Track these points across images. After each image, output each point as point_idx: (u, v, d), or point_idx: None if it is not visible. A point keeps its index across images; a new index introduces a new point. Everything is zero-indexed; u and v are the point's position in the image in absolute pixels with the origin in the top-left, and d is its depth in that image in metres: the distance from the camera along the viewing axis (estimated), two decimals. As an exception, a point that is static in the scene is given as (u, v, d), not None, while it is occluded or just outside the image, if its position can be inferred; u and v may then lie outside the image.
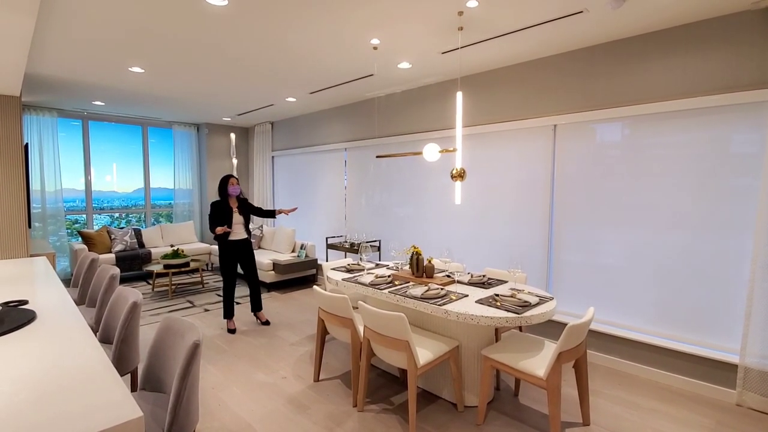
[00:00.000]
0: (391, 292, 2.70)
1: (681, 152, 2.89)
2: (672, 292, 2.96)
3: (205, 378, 3.03)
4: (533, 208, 3.68)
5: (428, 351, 2.39)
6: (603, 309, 3.31)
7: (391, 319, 2.25)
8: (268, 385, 2.92)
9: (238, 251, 3.99)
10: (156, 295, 5.36)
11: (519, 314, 2.23)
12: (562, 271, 3.54)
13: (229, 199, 3.95)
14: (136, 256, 6.15)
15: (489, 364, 2.36)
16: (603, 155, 3.26)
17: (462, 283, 2.93)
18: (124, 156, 7.26)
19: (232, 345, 3.67)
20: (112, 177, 7.26)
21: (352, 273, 3.32)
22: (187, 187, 7.53)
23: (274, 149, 7.17)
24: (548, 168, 3.56)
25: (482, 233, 4.08)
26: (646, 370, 3.04)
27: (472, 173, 4.12)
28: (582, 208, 3.38)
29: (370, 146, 5.29)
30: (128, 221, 7.72)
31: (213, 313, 4.63)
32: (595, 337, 3.29)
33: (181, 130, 7.37)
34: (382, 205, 5.18)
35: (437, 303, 2.43)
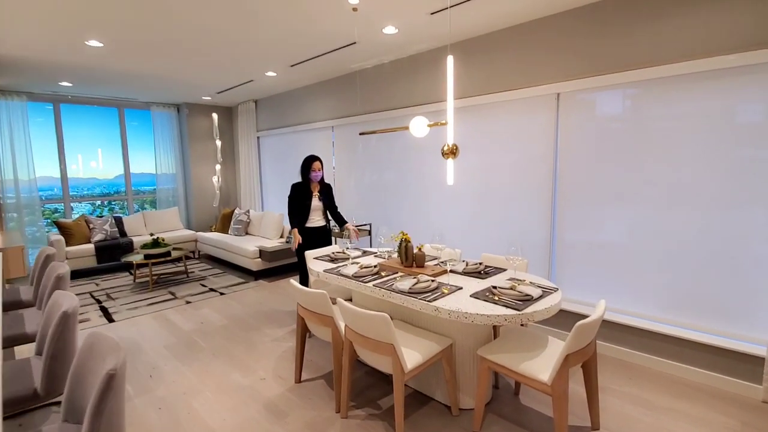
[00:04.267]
0: (376, 285, 2.40)
1: (700, 121, 2.53)
2: (689, 276, 2.67)
3: (177, 382, 2.77)
4: (534, 186, 3.34)
5: (417, 352, 2.10)
6: (612, 295, 3.03)
7: (373, 320, 1.95)
8: (245, 389, 2.66)
9: (314, 239, 3.69)
10: (137, 287, 5.09)
11: (519, 311, 1.93)
12: (566, 255, 3.24)
13: (311, 183, 3.66)
14: (117, 245, 5.85)
15: (486, 365, 2.08)
16: (611, 126, 2.90)
17: (456, 273, 2.62)
18: (102, 140, 6.87)
19: (211, 341, 3.41)
20: (91, 163, 6.91)
21: (336, 263, 3.02)
22: (169, 171, 7.16)
23: (259, 129, 6.78)
24: (550, 142, 3.21)
25: (479, 215, 3.76)
26: (660, 362, 2.77)
27: (467, 150, 3.77)
28: (588, 185, 3.05)
29: (358, 123, 4.91)
30: (111, 209, 7.40)
31: (194, 305, 4.36)
32: (603, 326, 3.01)
33: (160, 111, 6.95)
34: (373, 187, 4.84)
35: (427, 298, 2.13)
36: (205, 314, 4.06)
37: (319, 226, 3.70)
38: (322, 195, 3.70)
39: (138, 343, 3.42)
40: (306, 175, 3.62)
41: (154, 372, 2.92)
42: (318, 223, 3.70)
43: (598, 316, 1.85)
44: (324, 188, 3.74)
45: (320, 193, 3.69)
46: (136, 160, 7.19)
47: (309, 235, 3.65)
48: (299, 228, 3.63)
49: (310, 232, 3.66)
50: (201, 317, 3.99)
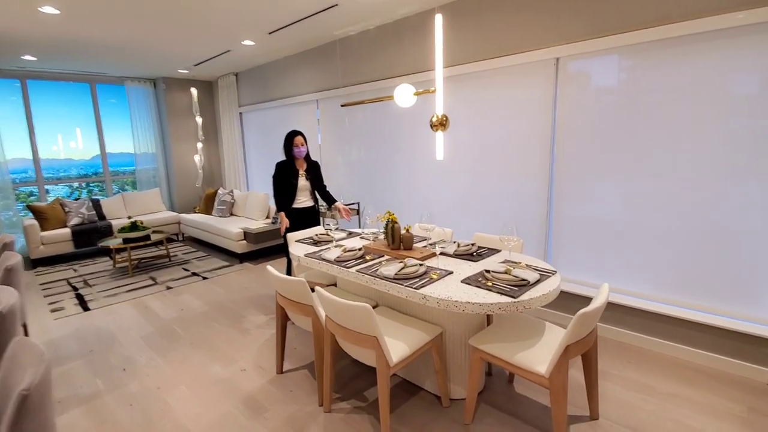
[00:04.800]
0: (359, 270, 2.21)
1: (710, 87, 2.31)
2: (691, 253, 2.51)
3: (152, 376, 2.60)
4: (531, 160, 3.13)
5: (404, 343, 1.93)
6: (611, 274, 2.87)
7: (354, 311, 1.77)
8: (224, 381, 2.50)
9: (301, 221, 3.45)
10: (117, 272, 4.88)
11: (515, 298, 1.75)
12: (563, 232, 3.06)
13: (295, 160, 3.40)
14: (94, 229, 5.60)
15: (478, 355, 1.92)
16: (613, 95, 2.67)
17: (447, 255, 2.44)
18: (76, 119, 6.49)
19: (190, 330, 3.23)
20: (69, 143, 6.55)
21: (319, 246, 2.82)
22: (149, 150, 6.83)
23: (241, 104, 6.43)
24: (548, 112, 2.98)
25: (472, 192, 3.55)
26: (661, 344, 2.65)
27: (458, 123, 3.52)
28: (587, 158, 2.84)
29: (343, 96, 4.61)
30: (90, 191, 7.10)
31: (175, 290, 4.17)
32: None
33: (135, 86, 6.56)
34: (361, 164, 4.60)
35: (414, 285, 1.95)
36: (185, 300, 3.88)
37: (306, 206, 3.47)
38: (309, 174, 3.45)
39: (113, 333, 3.24)
40: (289, 152, 3.37)
41: (128, 365, 2.74)
42: (305, 203, 3.46)
43: (601, 303, 1.68)
44: (311, 166, 3.50)
45: (307, 172, 3.45)
46: (113, 140, 6.84)
47: (296, 217, 3.43)
48: (285, 210, 3.41)
49: (297, 213, 3.44)
50: (181, 304, 3.80)
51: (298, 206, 3.42)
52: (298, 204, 3.42)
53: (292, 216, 3.41)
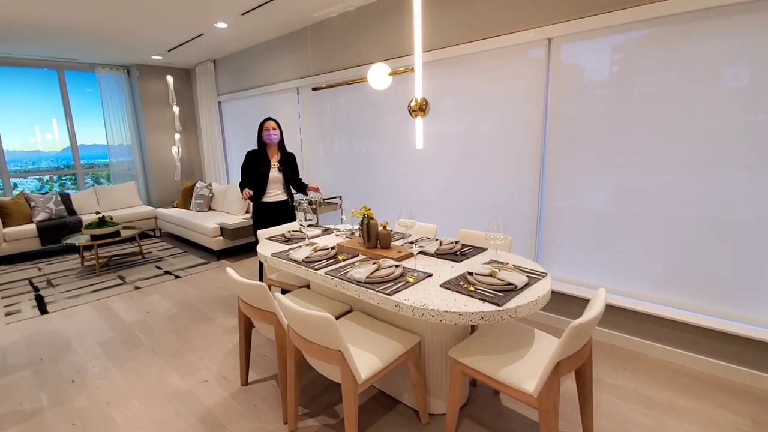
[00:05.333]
0: (328, 273, 1.98)
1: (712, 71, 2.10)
2: (692, 251, 2.31)
3: (103, 389, 2.35)
4: (521, 151, 2.91)
5: (375, 356, 1.71)
6: (605, 273, 2.68)
7: (315, 322, 1.54)
8: (182, 395, 2.26)
9: (272, 216, 3.17)
10: (84, 271, 4.59)
11: (499, 305, 1.53)
12: (554, 227, 2.85)
13: (267, 148, 3.11)
14: (63, 225, 5.29)
15: (459, 369, 1.71)
16: (613, 79, 2.45)
17: (427, 255, 2.21)
18: (44, 108, 6.13)
19: (153, 335, 2.98)
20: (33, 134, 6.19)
21: (289, 244, 2.58)
22: (123, 142, 6.50)
23: (220, 93, 6.12)
24: (540, 98, 2.75)
25: (458, 185, 3.32)
26: (658, 348, 2.46)
27: (442, 112, 3.28)
28: (582, 148, 2.63)
29: (324, 83, 4.34)
30: (62, 185, 6.76)
31: (144, 291, 3.91)
32: (595, 308, 2.68)
33: (107, 73, 6.21)
34: (343, 156, 4.35)
35: (387, 290, 1.72)
36: (153, 302, 3.62)
37: (278, 201, 3.20)
38: (283, 165, 3.18)
39: (68, 339, 2.97)
40: (260, 139, 3.11)
41: (78, 376, 2.49)
42: (278, 197, 3.19)
43: (597, 312, 1.47)
44: (286, 157, 3.22)
45: (280, 163, 3.17)
46: (86, 131, 6.50)
47: (266, 212, 3.18)
48: (255, 202, 3.15)
49: (268, 208, 3.18)
50: (148, 305, 3.54)
51: (269, 200, 3.16)
52: (270, 197, 3.16)
53: (263, 211, 3.16)
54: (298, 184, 3.29)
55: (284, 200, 3.22)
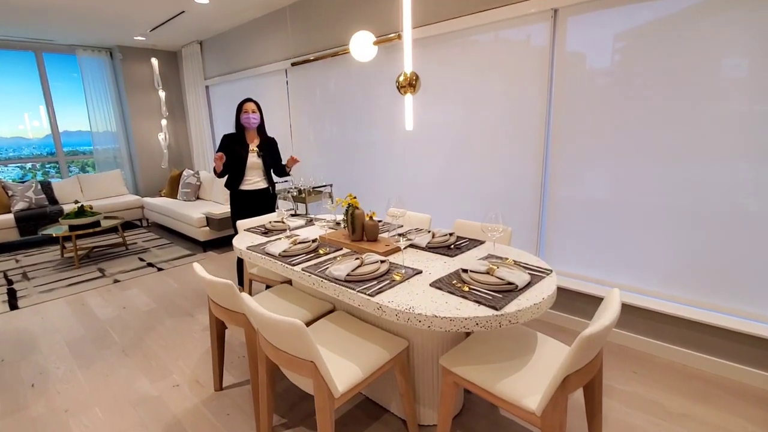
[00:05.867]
0: (305, 269, 1.76)
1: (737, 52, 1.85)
2: (709, 243, 2.10)
3: (64, 394, 2.15)
4: (522, 135, 2.67)
5: (355, 364, 1.50)
6: (613, 267, 2.46)
7: (283, 329, 1.32)
8: (150, 401, 2.07)
9: (251, 206, 2.93)
10: (63, 263, 4.38)
11: (497, 309, 1.32)
12: (559, 218, 2.63)
13: (246, 132, 2.85)
14: (43, 215, 5.06)
15: (451, 379, 1.50)
16: (628, 56, 2.20)
17: (418, 248, 1.99)
18: (24, 93, 5.85)
19: (126, 333, 2.78)
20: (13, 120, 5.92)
21: (269, 236, 2.36)
22: (108, 129, 6.23)
23: (207, 77, 5.83)
24: (544, 77, 2.50)
25: (454, 172, 3.09)
26: (670, 350, 2.26)
27: (437, 91, 3.03)
28: (589, 132, 2.39)
29: (313, 64, 4.07)
30: (45, 173, 6.51)
31: (123, 284, 3.70)
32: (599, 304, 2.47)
33: (89, 56, 5.91)
34: (334, 142, 4.10)
35: (369, 290, 1.50)
36: (131, 296, 3.41)
37: (259, 188, 2.96)
38: (262, 150, 2.94)
39: (35, 337, 2.77)
40: (238, 122, 2.87)
41: (39, 379, 2.30)
42: (257, 185, 2.96)
43: (612, 319, 1.25)
44: (266, 142, 2.98)
45: (259, 148, 2.93)
46: (70, 117, 6.23)
47: (246, 201, 2.94)
48: (233, 190, 2.92)
49: (247, 196, 2.94)
50: (125, 300, 3.34)
51: (247, 188, 2.92)
52: (248, 185, 2.92)
53: (241, 199, 2.93)
54: (281, 169, 3.06)
55: (264, 188, 2.99)
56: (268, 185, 3.01)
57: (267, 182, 3.00)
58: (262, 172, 2.95)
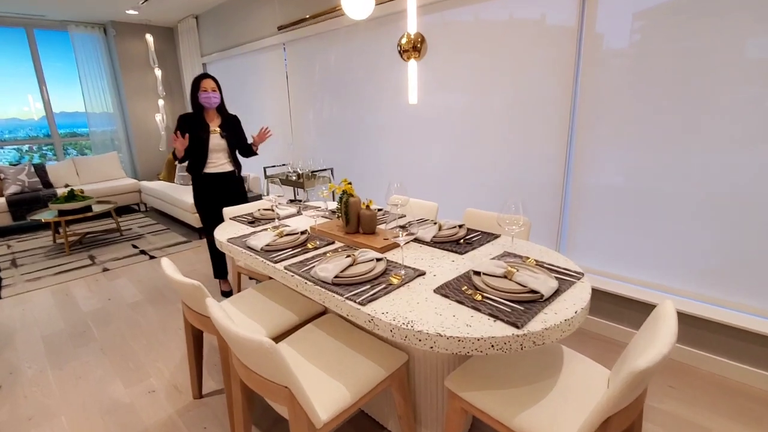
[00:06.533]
0: (287, 268, 1.50)
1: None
2: (756, 239, 1.78)
3: (31, 398, 1.95)
4: (544, 112, 2.34)
5: (343, 385, 1.25)
6: (644, 264, 2.16)
7: (251, 349, 1.07)
8: (121, 409, 1.86)
9: (218, 191, 2.66)
10: (55, 250, 4.20)
11: (518, 327, 1.04)
12: (583, 209, 2.32)
13: (205, 112, 2.57)
14: (35, 198, 4.88)
15: (458, 405, 1.24)
16: (667, 29, 1.85)
17: (422, 243, 1.72)
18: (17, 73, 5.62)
19: (107, 329, 2.58)
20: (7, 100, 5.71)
21: (254, 226, 2.10)
22: (103, 110, 5.99)
23: (204, 53, 5.53)
24: (570, 52, 2.16)
25: (466, 154, 2.78)
26: (711, 360, 1.97)
27: (447, 62, 2.70)
28: (625, 113, 2.06)
29: (313, 36, 3.74)
30: (43, 155, 6.33)
31: (112, 273, 3.51)
32: (633, 307, 2.18)
33: (81, 32, 5.63)
34: (334, 122, 3.80)
35: (359, 296, 1.24)
36: (119, 287, 3.21)
37: (224, 171, 2.67)
38: (224, 130, 2.63)
39: (12, 332, 2.59)
40: (195, 101, 2.55)
41: (8, 380, 2.10)
42: (223, 167, 2.66)
43: (669, 345, 0.97)
44: (228, 120, 2.67)
45: (222, 128, 2.62)
46: (66, 98, 6.01)
47: (211, 185, 2.66)
48: (195, 174, 2.63)
49: (213, 180, 2.65)
50: (112, 291, 3.14)
51: (212, 170, 2.63)
52: (213, 168, 2.63)
53: (206, 184, 2.65)
54: (246, 149, 2.78)
55: (230, 171, 2.70)
56: (234, 167, 2.73)
57: (232, 164, 2.72)
58: (227, 153, 2.66)
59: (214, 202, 2.67)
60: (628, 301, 2.18)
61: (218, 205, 2.67)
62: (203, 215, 2.71)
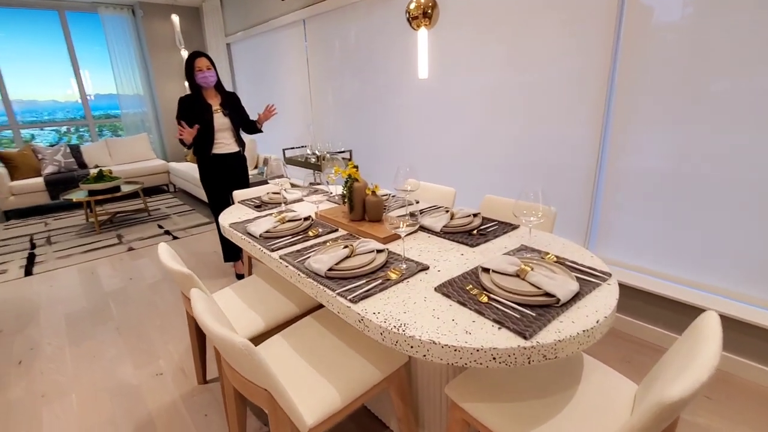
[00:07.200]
0: (283, 257, 1.41)
1: None
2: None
3: (47, 375, 2.01)
4: (576, 89, 2.10)
5: (334, 387, 1.15)
6: (683, 259, 1.93)
7: (231, 348, 0.99)
8: (128, 392, 1.87)
9: (224, 172, 2.66)
10: (87, 228, 4.36)
11: (526, 337, 0.90)
12: (618, 197, 2.09)
13: (204, 92, 2.53)
14: (71, 179, 5.07)
15: (459, 416, 1.12)
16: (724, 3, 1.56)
17: (431, 233, 1.58)
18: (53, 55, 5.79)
19: (125, 308, 2.62)
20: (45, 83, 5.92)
21: (260, 210, 2.03)
22: (133, 92, 6.10)
23: (228, 33, 5.47)
24: (609, 17, 1.90)
25: (489, 138, 2.58)
26: (752, 368, 1.75)
27: (467, 29, 2.48)
28: (674, 89, 1.80)
29: (333, 10, 3.58)
30: (80, 137, 6.56)
31: (137, 252, 3.58)
32: (670, 307, 1.96)
33: (111, 13, 5.70)
34: (354, 102, 3.66)
35: (352, 292, 1.13)
36: (140, 266, 3.28)
37: (231, 152, 2.64)
38: (226, 108, 2.56)
39: (37, 308, 2.68)
40: (192, 81, 2.48)
41: (28, 356, 2.17)
42: (230, 147, 2.63)
43: (710, 371, 0.80)
44: (228, 98, 2.60)
45: (223, 107, 2.55)
46: (100, 80, 6.16)
47: (218, 167, 2.62)
48: (202, 155, 2.58)
49: (220, 161, 2.61)
50: (134, 271, 3.20)
51: (220, 151, 2.59)
52: (221, 149, 2.59)
53: (214, 166, 2.62)
54: (250, 125, 2.74)
55: (237, 151, 2.67)
56: (240, 147, 2.70)
57: (238, 144, 2.68)
58: (231, 132, 2.62)
59: (221, 183, 2.67)
60: (665, 300, 1.96)
61: (225, 185, 2.67)
62: (211, 197, 2.70)
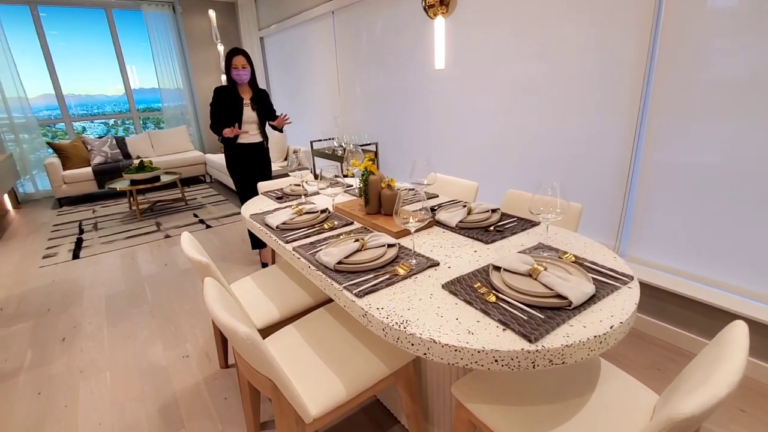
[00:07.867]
0: (296, 249, 1.42)
1: None
2: None
3: (86, 352, 2.15)
4: (607, 76, 1.98)
5: (339, 379, 1.16)
6: (721, 262, 1.78)
7: (235, 338, 1.01)
8: (157, 372, 1.97)
9: (248, 160, 2.86)
10: (129, 216, 4.62)
11: (531, 340, 0.86)
12: (653, 193, 1.96)
13: (238, 86, 2.74)
14: (116, 169, 5.37)
15: (465, 416, 1.10)
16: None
17: (446, 228, 1.54)
18: (101, 51, 6.13)
19: (159, 293, 2.76)
20: (93, 77, 6.29)
21: (281, 201, 2.06)
22: (173, 86, 6.36)
23: (261, 27, 5.58)
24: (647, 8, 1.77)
25: (516, 131, 2.49)
26: (808, 385, 1.60)
27: (489, 17, 2.38)
28: (723, 80, 1.65)
29: (360, 5, 3.55)
30: (126, 129, 6.94)
31: (172, 240, 3.76)
32: (705, 313, 1.83)
33: (153, 11, 5.95)
34: (380, 94, 3.63)
35: (358, 286, 1.12)
36: (175, 253, 3.44)
37: (254, 142, 2.83)
38: (255, 103, 2.76)
39: (81, 289, 2.88)
40: (229, 75, 2.67)
41: (71, 333, 2.34)
42: (254, 138, 2.82)
43: (731, 386, 0.73)
44: (258, 95, 2.80)
45: (253, 102, 2.75)
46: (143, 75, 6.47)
47: (243, 155, 2.82)
48: (228, 144, 2.78)
49: (245, 150, 2.81)
50: (168, 257, 3.36)
51: (244, 141, 2.79)
52: (246, 139, 2.79)
53: (240, 154, 2.81)
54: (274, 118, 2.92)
55: (260, 142, 2.86)
56: (263, 139, 2.88)
57: (261, 135, 2.86)
58: (257, 125, 2.82)
59: (246, 171, 2.85)
60: (700, 305, 1.82)
61: (249, 173, 2.86)
62: (238, 185, 2.88)
